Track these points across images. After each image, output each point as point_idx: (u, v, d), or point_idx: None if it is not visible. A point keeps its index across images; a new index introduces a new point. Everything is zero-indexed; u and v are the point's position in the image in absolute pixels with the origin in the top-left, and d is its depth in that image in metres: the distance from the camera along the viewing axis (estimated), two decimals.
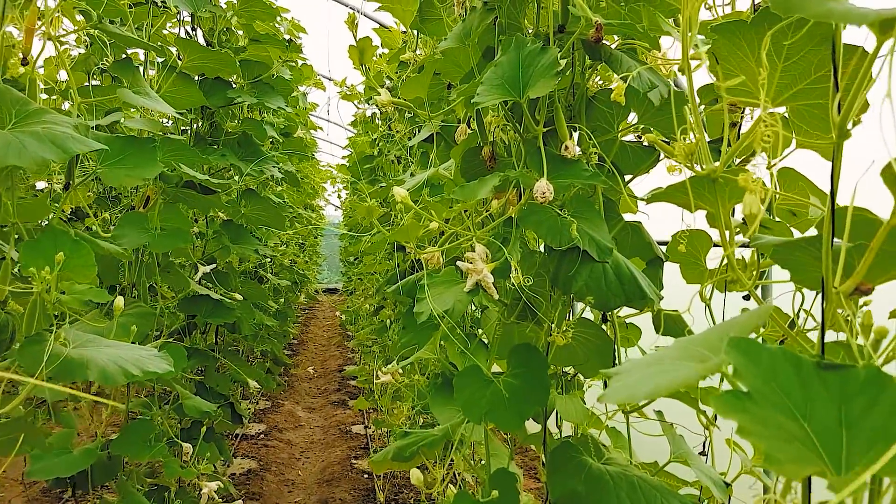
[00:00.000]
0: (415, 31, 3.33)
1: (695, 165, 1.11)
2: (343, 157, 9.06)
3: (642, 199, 1.84)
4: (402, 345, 2.67)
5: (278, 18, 5.57)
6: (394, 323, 4.22)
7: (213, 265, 3.53)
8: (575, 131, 1.78)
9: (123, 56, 2.51)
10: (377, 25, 5.24)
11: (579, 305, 1.94)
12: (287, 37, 3.80)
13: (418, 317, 1.63)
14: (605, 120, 1.85)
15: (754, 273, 1.50)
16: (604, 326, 1.93)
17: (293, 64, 4.44)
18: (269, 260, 5.81)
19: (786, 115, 1.26)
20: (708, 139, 1.96)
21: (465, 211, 2.56)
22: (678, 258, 2.03)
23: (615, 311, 1.66)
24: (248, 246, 3.47)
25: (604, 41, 1.45)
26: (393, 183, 3.00)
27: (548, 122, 1.63)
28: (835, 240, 0.96)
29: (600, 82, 1.98)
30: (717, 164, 1.12)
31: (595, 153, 1.60)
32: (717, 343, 0.85)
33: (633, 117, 1.82)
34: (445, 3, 2.83)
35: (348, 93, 5.09)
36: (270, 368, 6.12)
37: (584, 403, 2.14)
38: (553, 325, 1.79)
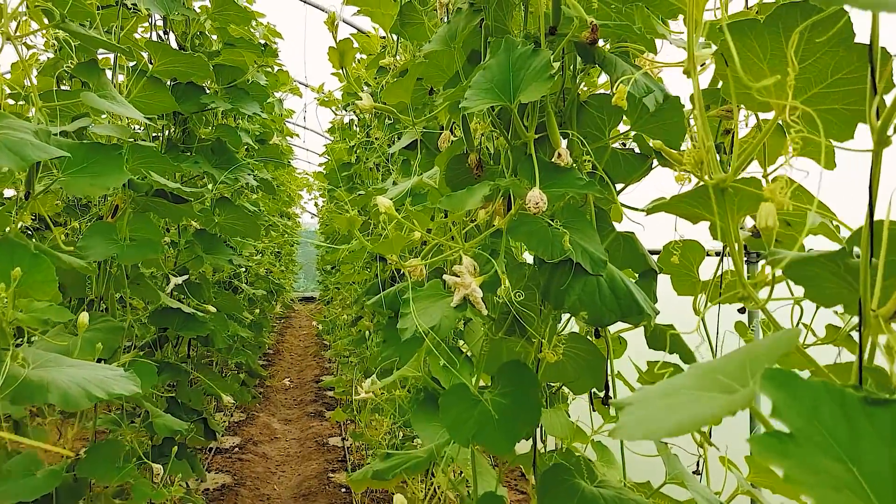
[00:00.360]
0: (394, 36, 3.25)
1: (701, 174, 1.04)
2: (320, 165, 8.94)
3: (639, 210, 1.77)
4: (382, 359, 2.58)
5: (254, 23, 5.47)
6: (373, 334, 4.12)
7: (186, 276, 3.41)
8: (565, 138, 1.71)
9: (90, 59, 2.40)
10: (355, 31, 5.15)
11: (565, 316, 1.86)
12: (262, 41, 3.70)
13: (402, 333, 1.54)
14: (596, 126, 1.78)
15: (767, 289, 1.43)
16: (592, 339, 1.85)
17: (269, 69, 4.34)
18: (244, 270, 5.68)
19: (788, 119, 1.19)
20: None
21: (451, 221, 2.47)
22: (670, 269, 1.96)
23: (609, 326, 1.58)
24: (221, 256, 3.36)
25: (598, 43, 1.37)
26: (374, 191, 2.91)
27: (538, 129, 1.55)
28: (858, 255, 0.89)
29: (585, 88, 1.91)
30: (727, 172, 1.05)
31: (588, 161, 1.52)
32: (738, 372, 0.77)
33: (623, 124, 1.75)
34: (427, 7, 2.75)
35: (326, 98, 4.99)
36: (245, 380, 5.97)
37: (569, 417, 2.06)
38: (543, 341, 1.71)
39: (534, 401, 1.55)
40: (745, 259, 2.94)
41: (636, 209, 1.77)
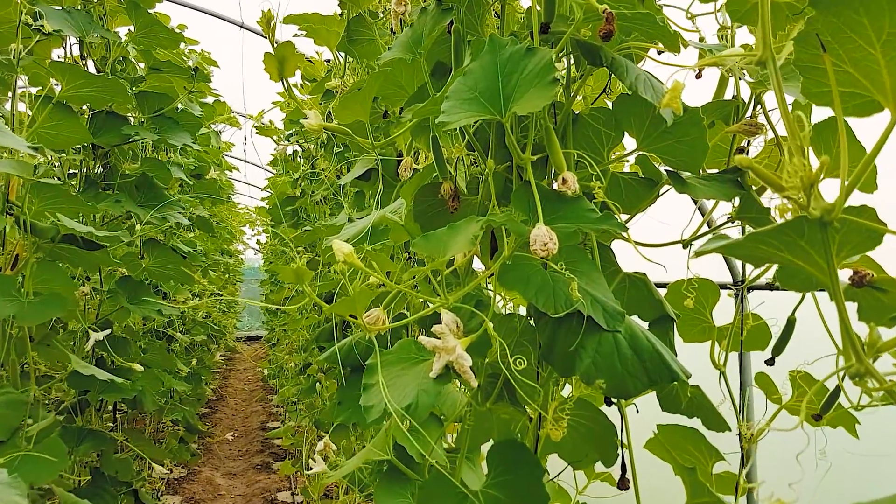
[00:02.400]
0: (341, 56, 2.93)
1: (807, 202, 0.74)
2: (263, 199, 8.52)
3: (650, 246, 1.47)
4: (338, 423, 2.22)
5: (187, 50, 5.09)
6: (325, 385, 3.73)
7: (109, 330, 2.99)
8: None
9: None
10: None
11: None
12: (194, 66, 3.33)
13: (367, 413, 1.20)
14: (592, 146, 1.48)
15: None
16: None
17: (200, 94, 3.97)
18: (180, 314, 5.22)
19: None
20: (716, 170, 1.61)
21: (414, 260, 2.14)
22: (677, 312, 1.66)
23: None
24: (149, 306, 2.95)
25: (612, 38, 1.07)
26: (324, 229, 2.57)
27: (533, 149, 1.24)
28: None
29: (580, 99, 1.62)
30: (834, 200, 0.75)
31: (599, 187, 1.21)
32: None
33: (628, 142, 1.46)
34: (378, 20, 2.44)
35: (265, 127, 4.62)
36: (184, 436, 5.48)
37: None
38: (543, 414, 1.39)
39: (537, 493, 1.23)
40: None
41: (648, 245, 1.47)
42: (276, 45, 1.26)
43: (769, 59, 0.79)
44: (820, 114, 1.69)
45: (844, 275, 0.92)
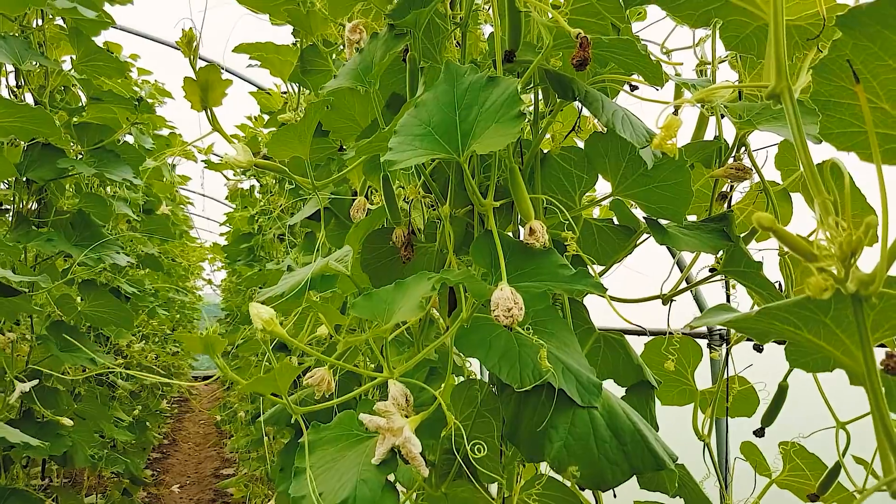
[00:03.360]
0: (296, 87, 2.76)
1: (845, 274, 0.58)
2: (222, 235, 8.26)
3: (627, 301, 1.31)
4: (280, 492, 2.01)
5: (140, 80, 4.89)
6: (274, 437, 3.49)
7: (37, 380, 2.74)
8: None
9: None
10: (255, 89, 4.65)
11: None
12: (138, 97, 3.14)
13: None
14: (562, 188, 1.33)
15: None
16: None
17: (146, 125, 3.76)
18: (124, 358, 4.93)
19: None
20: (694, 217, 1.46)
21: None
22: (657, 377, 1.49)
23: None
24: (81, 354, 2.71)
25: (587, 66, 0.91)
26: (272, 272, 2.37)
27: (497, 193, 1.08)
28: None
29: (548, 137, 1.47)
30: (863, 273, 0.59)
31: (572, 238, 1.05)
32: None
33: (601, 186, 1.31)
34: (333, 48, 2.28)
35: (214, 158, 4.42)
36: (128, 488, 5.15)
37: None
38: (507, 492, 1.21)
39: None
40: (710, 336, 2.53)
41: (624, 300, 1.31)
42: (198, 69, 1.08)
43: (784, 91, 0.63)
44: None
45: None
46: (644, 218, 1.25)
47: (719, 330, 2.75)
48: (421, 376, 1.16)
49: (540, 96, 1.24)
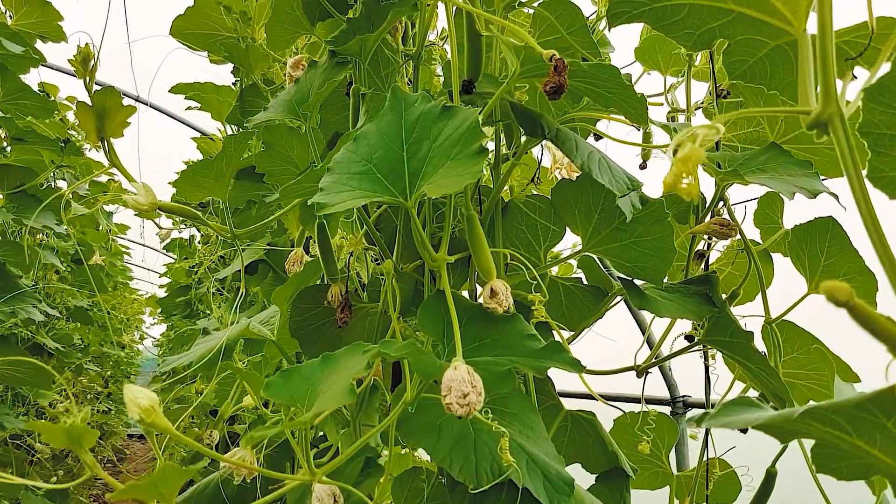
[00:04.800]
0: (236, 128, 2.58)
1: None
2: (162, 287, 7.91)
3: (599, 373, 1.14)
4: None
5: (76, 123, 4.64)
6: None
7: None
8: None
9: None
10: (198, 135, 4.45)
11: None
12: (65, 138, 2.92)
13: None
14: (525, 242, 1.16)
15: None
16: None
17: (69, 168, 3.52)
18: (45, 419, 4.55)
19: None
20: (678, 279, 1.31)
21: None
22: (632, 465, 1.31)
23: None
24: None
25: (562, 94, 0.75)
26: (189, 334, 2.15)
27: (451, 245, 0.91)
28: None
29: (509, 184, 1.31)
30: None
31: (541, 301, 0.87)
32: None
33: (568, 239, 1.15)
34: (275, 87, 2.12)
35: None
36: None
37: None
38: None
39: None
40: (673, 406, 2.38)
41: (594, 372, 1.14)
42: (93, 93, 0.90)
43: (835, 118, 0.48)
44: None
45: None
46: (618, 278, 1.09)
47: (682, 397, 2.60)
48: (355, 468, 0.96)
49: (502, 138, 1.08)
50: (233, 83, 2.39)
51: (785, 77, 0.69)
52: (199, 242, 4.89)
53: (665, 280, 1.16)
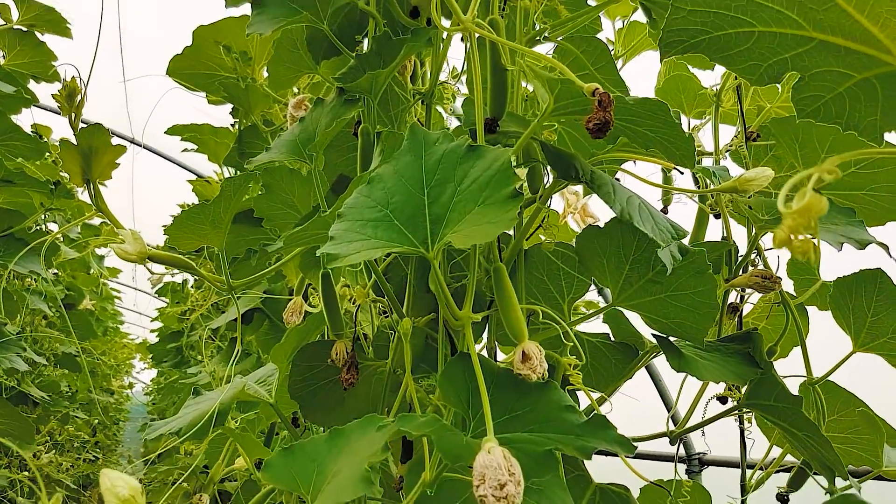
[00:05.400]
0: (234, 172, 2.50)
1: None
2: (153, 332, 7.76)
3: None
4: None
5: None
6: None
7: None
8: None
9: None
10: (194, 177, 4.38)
11: None
12: (55, 180, 2.83)
13: None
14: (548, 294, 1.07)
15: None
16: None
17: (61, 212, 3.43)
18: (27, 471, 4.37)
19: None
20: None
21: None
22: None
23: None
24: None
25: (608, 131, 0.67)
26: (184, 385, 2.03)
27: (476, 301, 0.81)
28: None
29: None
30: None
31: (576, 367, 0.77)
32: None
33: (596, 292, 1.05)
34: (274, 129, 2.04)
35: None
36: None
37: None
38: None
39: None
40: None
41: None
42: (79, 131, 0.81)
43: None
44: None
45: None
46: (653, 335, 0.99)
47: (698, 454, 2.47)
48: None
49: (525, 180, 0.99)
50: (231, 124, 2.32)
51: (867, 115, 0.60)
52: (192, 287, 4.78)
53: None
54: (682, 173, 0.86)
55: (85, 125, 0.88)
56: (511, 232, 0.96)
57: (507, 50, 0.85)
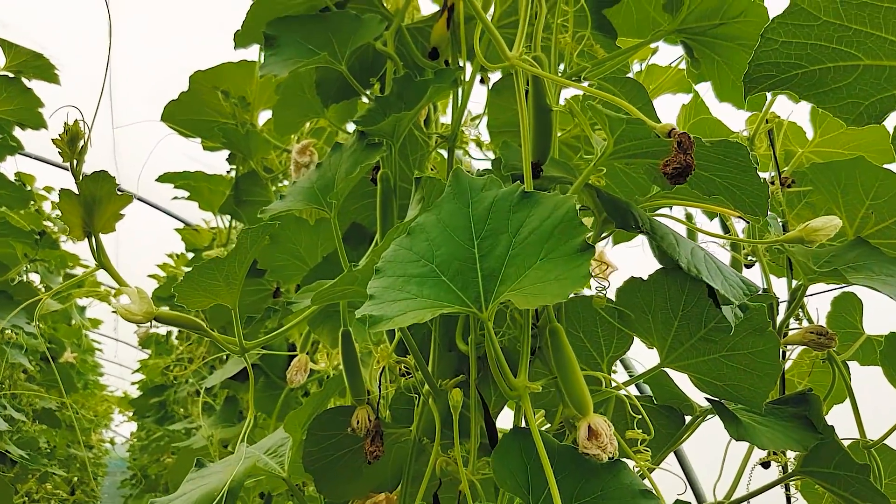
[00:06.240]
0: (227, 220, 2.41)
1: None
2: (135, 384, 7.56)
3: None
4: None
5: (54, 215, 4.46)
6: None
7: None
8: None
9: None
10: (182, 225, 4.28)
11: None
12: (40, 230, 2.73)
13: None
14: (584, 354, 0.98)
15: None
16: None
17: (46, 261, 3.31)
18: None
19: None
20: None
21: None
22: None
23: None
24: None
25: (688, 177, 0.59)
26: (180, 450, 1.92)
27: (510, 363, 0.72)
28: None
29: None
30: None
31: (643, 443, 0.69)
32: None
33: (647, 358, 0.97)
34: (272, 175, 1.96)
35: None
36: None
37: None
38: None
39: None
40: None
41: None
42: (81, 179, 0.72)
43: None
44: None
45: None
46: (707, 399, 0.90)
47: None
48: None
49: None
50: (227, 171, 2.24)
51: None
52: (175, 339, 4.64)
53: None
54: (748, 223, 0.79)
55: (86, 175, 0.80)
56: None
57: (550, 90, 0.78)
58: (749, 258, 1.21)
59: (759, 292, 0.75)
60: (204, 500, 0.79)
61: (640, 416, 0.83)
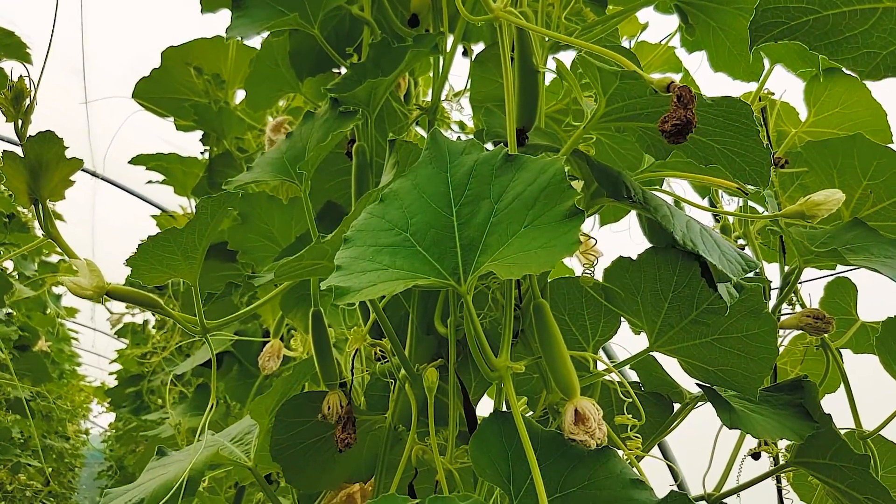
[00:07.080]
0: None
1: None
2: (112, 374, 7.45)
3: None
4: None
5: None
6: None
7: None
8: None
9: None
10: (158, 212, 4.19)
11: None
12: (8, 212, 2.65)
13: None
14: (569, 338, 0.93)
15: None
16: None
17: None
18: None
19: None
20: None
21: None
22: None
23: None
24: None
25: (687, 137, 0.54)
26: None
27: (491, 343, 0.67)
28: None
29: None
30: None
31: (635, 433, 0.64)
32: None
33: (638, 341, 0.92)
34: (247, 155, 1.90)
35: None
36: None
37: None
38: None
39: None
40: None
41: None
42: (27, 141, 0.66)
43: None
44: None
45: None
46: (699, 385, 0.85)
47: None
48: None
49: None
50: (201, 152, 2.17)
51: None
52: (153, 328, 4.55)
53: None
54: (746, 194, 0.74)
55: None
56: None
57: (538, 50, 0.72)
58: (738, 241, 1.16)
59: (758, 269, 0.71)
60: (161, 490, 0.73)
61: (630, 401, 0.78)
